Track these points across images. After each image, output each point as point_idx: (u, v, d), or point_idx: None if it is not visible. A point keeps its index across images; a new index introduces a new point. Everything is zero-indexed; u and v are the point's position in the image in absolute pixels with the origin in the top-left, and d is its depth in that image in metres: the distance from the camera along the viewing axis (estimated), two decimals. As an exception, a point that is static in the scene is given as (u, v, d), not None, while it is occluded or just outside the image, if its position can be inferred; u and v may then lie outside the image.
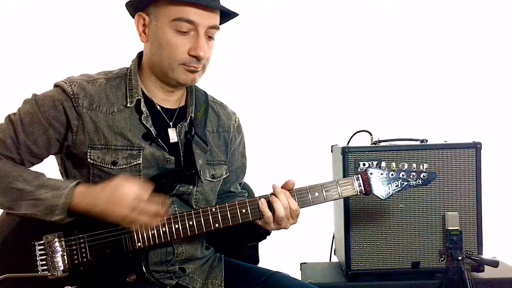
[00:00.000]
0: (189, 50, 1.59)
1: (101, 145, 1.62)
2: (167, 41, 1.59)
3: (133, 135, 1.64)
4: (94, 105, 1.62)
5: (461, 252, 2.00)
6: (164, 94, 1.71)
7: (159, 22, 1.60)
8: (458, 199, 2.13)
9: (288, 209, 1.62)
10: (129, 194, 1.51)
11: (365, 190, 1.69)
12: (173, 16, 1.58)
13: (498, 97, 3.14)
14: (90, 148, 1.61)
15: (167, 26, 1.59)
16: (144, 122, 1.64)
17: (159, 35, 1.60)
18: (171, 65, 1.61)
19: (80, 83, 1.63)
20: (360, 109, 3.08)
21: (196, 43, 1.59)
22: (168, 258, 1.68)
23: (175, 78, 1.64)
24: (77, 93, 1.61)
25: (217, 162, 1.80)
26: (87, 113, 1.61)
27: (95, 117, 1.62)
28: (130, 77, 1.68)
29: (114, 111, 1.64)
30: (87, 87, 1.63)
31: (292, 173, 2.11)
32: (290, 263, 2.39)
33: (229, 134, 1.84)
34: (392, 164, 1.71)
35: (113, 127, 1.63)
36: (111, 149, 1.62)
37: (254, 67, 3.10)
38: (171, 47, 1.59)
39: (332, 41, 3.15)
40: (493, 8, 3.14)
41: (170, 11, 1.58)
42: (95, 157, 1.61)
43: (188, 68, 1.62)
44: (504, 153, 3.05)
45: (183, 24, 1.58)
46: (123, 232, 1.57)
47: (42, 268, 1.57)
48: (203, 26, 1.60)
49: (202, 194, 1.73)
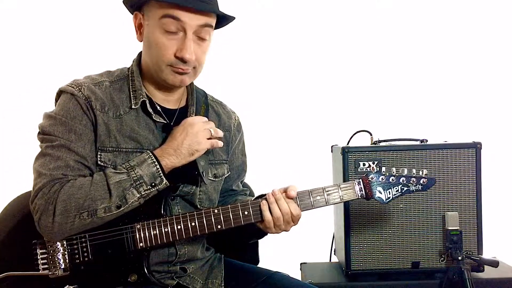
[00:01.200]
0: (176, 51, 1.58)
1: (112, 148, 1.61)
2: (155, 41, 1.58)
3: (142, 137, 1.64)
4: (105, 107, 1.61)
5: (461, 252, 2.01)
6: (163, 94, 1.71)
7: (150, 22, 1.60)
8: (458, 199, 2.13)
9: (289, 214, 1.62)
10: (199, 123, 1.60)
11: (366, 194, 1.70)
12: (161, 13, 1.56)
13: (498, 97, 3.14)
14: (100, 150, 1.60)
15: (156, 25, 1.58)
16: (157, 120, 1.65)
17: (149, 35, 1.60)
18: (159, 65, 1.60)
19: (88, 86, 1.62)
20: (360, 109, 3.08)
21: (182, 44, 1.57)
22: (170, 259, 1.68)
23: (163, 78, 1.63)
24: (88, 96, 1.60)
25: (219, 161, 1.80)
26: (100, 115, 1.60)
27: (107, 120, 1.61)
28: (133, 78, 1.68)
29: (121, 114, 1.64)
30: (95, 90, 1.62)
31: (292, 173, 2.13)
32: (290, 263, 2.39)
33: (230, 133, 1.85)
34: (393, 169, 1.72)
35: (122, 130, 1.62)
36: (122, 151, 1.62)
37: (254, 67, 3.10)
38: (159, 48, 1.58)
39: (332, 41, 3.15)
40: (493, 8, 3.14)
41: (159, 10, 1.57)
42: (106, 160, 1.60)
43: (175, 70, 1.60)
44: (504, 153, 3.05)
45: (171, 22, 1.56)
46: (125, 232, 1.57)
47: (43, 266, 1.57)
48: (191, 26, 1.57)
49: (206, 193, 1.74)
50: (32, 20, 3.06)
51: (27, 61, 3.03)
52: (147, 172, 1.55)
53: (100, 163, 1.60)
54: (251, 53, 3.07)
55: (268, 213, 1.62)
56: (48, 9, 3.06)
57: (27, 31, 3.06)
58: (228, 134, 1.84)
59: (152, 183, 1.56)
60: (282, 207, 1.62)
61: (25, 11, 3.08)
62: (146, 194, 1.56)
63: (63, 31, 3.05)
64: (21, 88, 2.20)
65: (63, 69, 2.84)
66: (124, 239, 1.57)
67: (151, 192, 1.57)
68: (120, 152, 1.61)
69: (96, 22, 3.03)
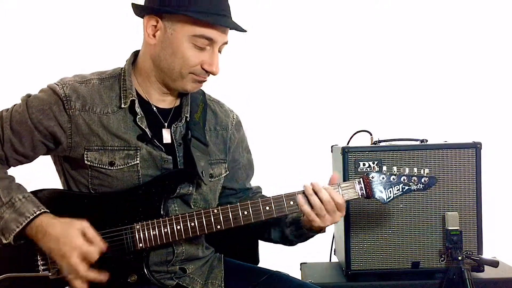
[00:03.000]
0: (203, 63, 1.62)
1: (97, 146, 1.62)
2: (182, 52, 1.61)
3: (129, 136, 1.64)
4: (87, 106, 1.62)
5: (461, 252, 2.00)
6: (160, 95, 1.72)
7: (176, 33, 1.61)
8: (458, 199, 2.12)
9: (332, 203, 1.62)
10: (74, 253, 1.50)
11: (367, 194, 1.69)
12: (194, 32, 1.59)
13: (498, 97, 3.14)
14: (87, 150, 1.61)
15: (185, 39, 1.60)
16: (139, 123, 1.64)
17: (175, 44, 1.61)
18: (182, 73, 1.63)
19: (72, 84, 1.64)
20: (360, 109, 3.08)
21: (211, 59, 1.63)
22: (168, 258, 1.68)
23: (182, 85, 1.66)
24: (69, 95, 1.61)
25: (216, 161, 1.79)
26: (80, 114, 1.61)
27: (89, 119, 1.62)
28: (124, 78, 1.68)
29: (108, 112, 1.64)
30: (79, 89, 1.63)
31: (292, 173, 2.12)
32: (290, 263, 2.38)
33: (227, 132, 1.84)
34: (393, 168, 1.72)
35: (108, 128, 1.63)
36: (108, 149, 1.62)
37: (254, 67, 3.10)
38: (186, 59, 1.61)
39: (332, 41, 3.15)
40: (493, 8, 3.14)
41: (192, 28, 1.59)
42: (92, 159, 1.61)
43: (198, 78, 1.65)
44: (504, 153, 3.05)
45: (202, 41, 1.61)
46: (125, 233, 1.58)
47: (43, 268, 1.58)
48: (218, 43, 1.64)
49: (201, 194, 1.74)
50: (31, 21, 3.06)
51: (26, 62, 3.03)
52: (7, 224, 1.54)
53: (87, 163, 1.61)
54: (250, 53, 3.07)
55: (306, 206, 1.62)
56: (48, 9, 3.06)
57: (26, 31, 3.06)
58: (226, 133, 1.84)
59: (2, 231, 1.55)
60: (323, 197, 1.61)
61: (24, 11, 3.08)
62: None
63: (63, 31, 3.05)
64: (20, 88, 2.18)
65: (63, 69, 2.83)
66: (124, 239, 1.57)
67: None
68: (106, 150, 1.62)
69: (96, 23, 3.03)
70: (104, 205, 1.60)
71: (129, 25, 1.67)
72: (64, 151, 1.64)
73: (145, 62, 1.69)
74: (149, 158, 1.64)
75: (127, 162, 1.63)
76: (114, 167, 1.62)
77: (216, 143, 1.81)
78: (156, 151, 1.65)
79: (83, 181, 1.65)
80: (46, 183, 1.68)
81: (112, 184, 1.63)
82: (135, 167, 1.63)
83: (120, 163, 1.62)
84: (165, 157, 1.66)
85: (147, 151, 1.64)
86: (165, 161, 1.66)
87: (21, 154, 1.65)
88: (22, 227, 1.53)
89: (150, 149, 1.65)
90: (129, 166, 1.63)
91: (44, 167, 1.81)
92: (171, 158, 1.67)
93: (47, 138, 1.63)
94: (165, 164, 1.66)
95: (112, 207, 1.60)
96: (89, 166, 1.62)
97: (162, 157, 1.66)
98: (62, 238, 1.51)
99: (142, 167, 1.64)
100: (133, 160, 1.63)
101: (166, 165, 1.66)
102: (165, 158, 1.66)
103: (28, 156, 1.67)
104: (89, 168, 1.62)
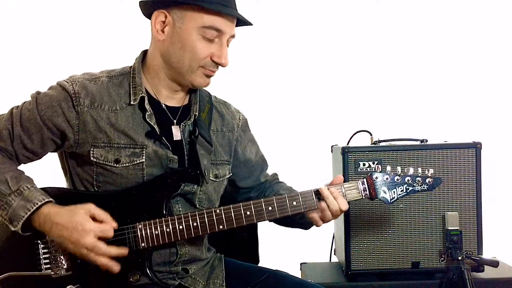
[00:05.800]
0: (212, 55, 1.64)
1: (103, 143, 1.62)
2: (191, 45, 1.62)
3: (136, 133, 1.64)
4: (95, 103, 1.63)
5: (461, 252, 2.01)
6: (170, 92, 1.72)
7: (185, 26, 1.62)
8: (458, 199, 2.13)
9: (339, 211, 1.68)
10: (89, 236, 1.51)
11: (370, 194, 1.68)
12: (203, 23, 1.61)
13: (498, 97, 3.15)
14: (93, 146, 1.62)
15: (194, 31, 1.61)
16: (148, 120, 1.65)
17: (184, 37, 1.62)
18: (192, 67, 1.64)
19: (82, 82, 1.64)
20: (360, 109, 3.09)
21: (220, 51, 1.64)
22: (171, 259, 1.68)
23: (191, 80, 1.67)
24: (78, 92, 1.62)
25: (220, 162, 1.80)
26: (88, 111, 1.62)
27: (97, 116, 1.62)
28: (134, 75, 1.69)
29: (117, 109, 1.65)
30: (88, 86, 1.64)
31: (292, 173, 2.13)
32: (290, 263, 2.39)
33: (233, 134, 1.85)
34: (398, 168, 1.71)
35: (116, 125, 1.63)
36: (114, 147, 1.63)
37: (254, 67, 3.10)
38: (195, 52, 1.62)
39: (332, 41, 3.15)
40: (493, 8, 3.15)
41: (200, 18, 1.61)
42: (98, 155, 1.62)
43: (206, 72, 1.66)
44: (504, 153, 3.05)
45: (211, 32, 1.62)
46: (127, 232, 1.58)
47: (46, 266, 1.58)
48: (227, 35, 1.65)
49: (205, 193, 1.74)
50: (32, 20, 3.07)
51: (27, 61, 3.04)
52: (16, 211, 1.55)
53: (93, 159, 1.62)
54: (251, 53, 3.07)
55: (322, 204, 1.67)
56: (48, 10, 3.06)
57: (26, 31, 3.07)
58: (231, 135, 1.85)
59: (11, 219, 1.56)
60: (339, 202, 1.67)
61: (25, 11, 3.08)
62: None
63: (63, 31, 3.06)
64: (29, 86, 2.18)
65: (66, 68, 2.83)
66: (126, 239, 1.58)
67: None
68: (112, 147, 1.63)
69: (99, 22, 3.04)
70: (107, 205, 1.60)
71: (137, 26, 1.68)
72: (70, 147, 1.65)
73: (154, 60, 1.70)
74: (154, 157, 1.65)
75: (133, 160, 1.63)
76: (119, 164, 1.62)
77: (222, 144, 1.82)
78: (162, 149, 1.66)
79: (88, 178, 1.66)
80: (50, 182, 1.68)
81: (116, 181, 1.64)
82: (141, 165, 1.64)
83: (125, 160, 1.63)
84: (171, 156, 1.66)
85: (153, 150, 1.65)
86: (170, 161, 1.66)
87: (30, 150, 1.66)
88: (31, 213, 1.54)
89: (156, 147, 1.65)
90: (135, 164, 1.63)
91: (49, 166, 1.82)
92: (176, 158, 1.67)
93: (55, 134, 1.64)
94: (171, 164, 1.66)
95: (114, 206, 1.60)
96: (95, 163, 1.62)
97: (168, 157, 1.66)
98: (71, 224, 1.52)
99: (148, 166, 1.64)
100: (138, 158, 1.64)
101: (171, 165, 1.66)
102: (170, 157, 1.66)
103: (37, 152, 1.68)
104: (94, 165, 1.63)
